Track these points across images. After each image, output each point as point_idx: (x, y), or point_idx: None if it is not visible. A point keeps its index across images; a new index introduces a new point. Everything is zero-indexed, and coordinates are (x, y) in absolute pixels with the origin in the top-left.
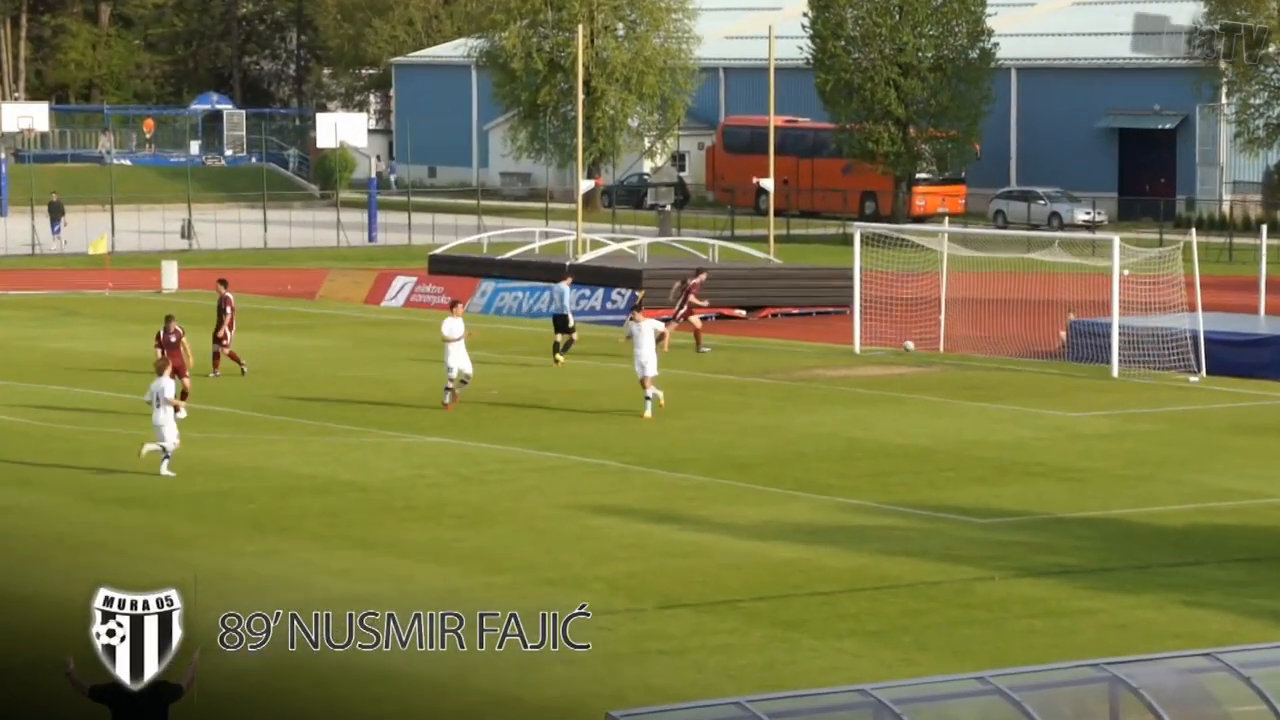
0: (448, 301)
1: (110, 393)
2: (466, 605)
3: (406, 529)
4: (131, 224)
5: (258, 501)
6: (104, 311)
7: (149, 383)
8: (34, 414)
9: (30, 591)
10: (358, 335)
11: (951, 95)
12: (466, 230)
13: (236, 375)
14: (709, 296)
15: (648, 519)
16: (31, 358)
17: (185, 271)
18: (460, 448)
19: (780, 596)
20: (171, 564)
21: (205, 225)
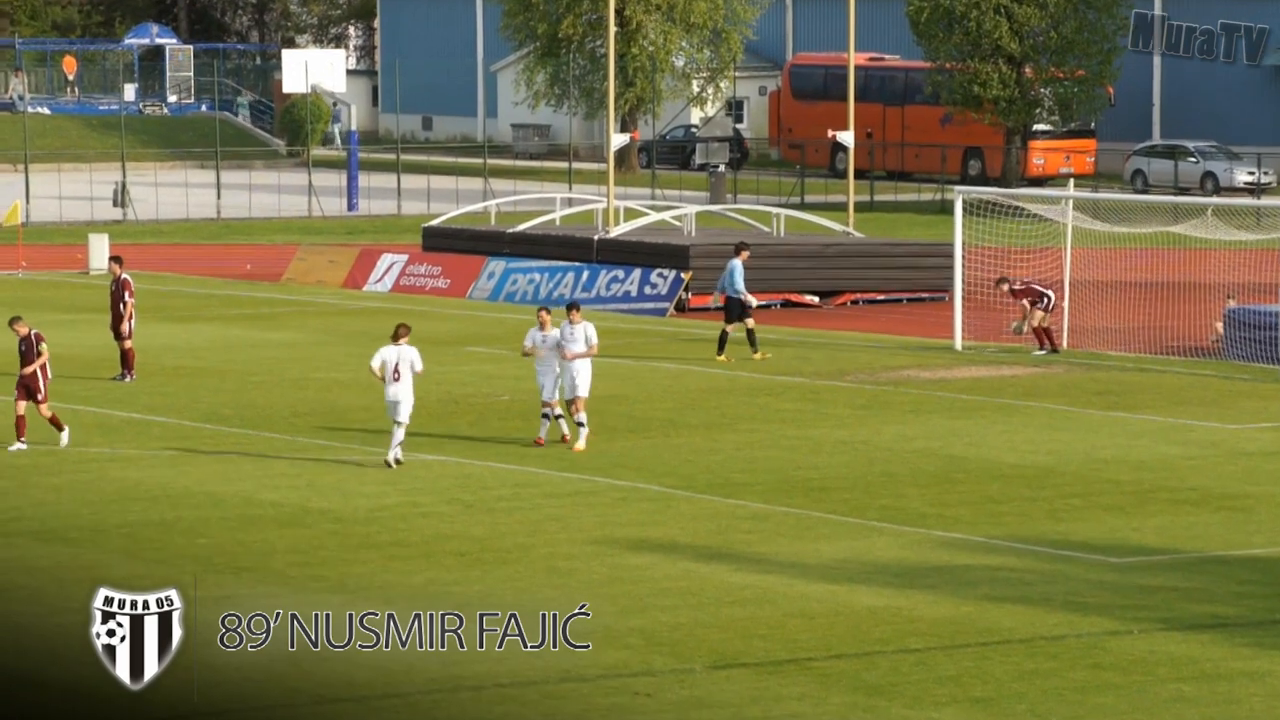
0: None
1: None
2: (469, 662)
3: (395, 569)
4: (50, 188)
5: (209, 535)
6: (15, 298)
7: (77, 388)
8: None
9: None
10: (334, 327)
11: (1078, 26)
12: (470, 197)
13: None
14: (772, 281)
15: (696, 557)
16: None
17: (118, 248)
18: (462, 468)
19: (862, 654)
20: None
21: (143, 190)
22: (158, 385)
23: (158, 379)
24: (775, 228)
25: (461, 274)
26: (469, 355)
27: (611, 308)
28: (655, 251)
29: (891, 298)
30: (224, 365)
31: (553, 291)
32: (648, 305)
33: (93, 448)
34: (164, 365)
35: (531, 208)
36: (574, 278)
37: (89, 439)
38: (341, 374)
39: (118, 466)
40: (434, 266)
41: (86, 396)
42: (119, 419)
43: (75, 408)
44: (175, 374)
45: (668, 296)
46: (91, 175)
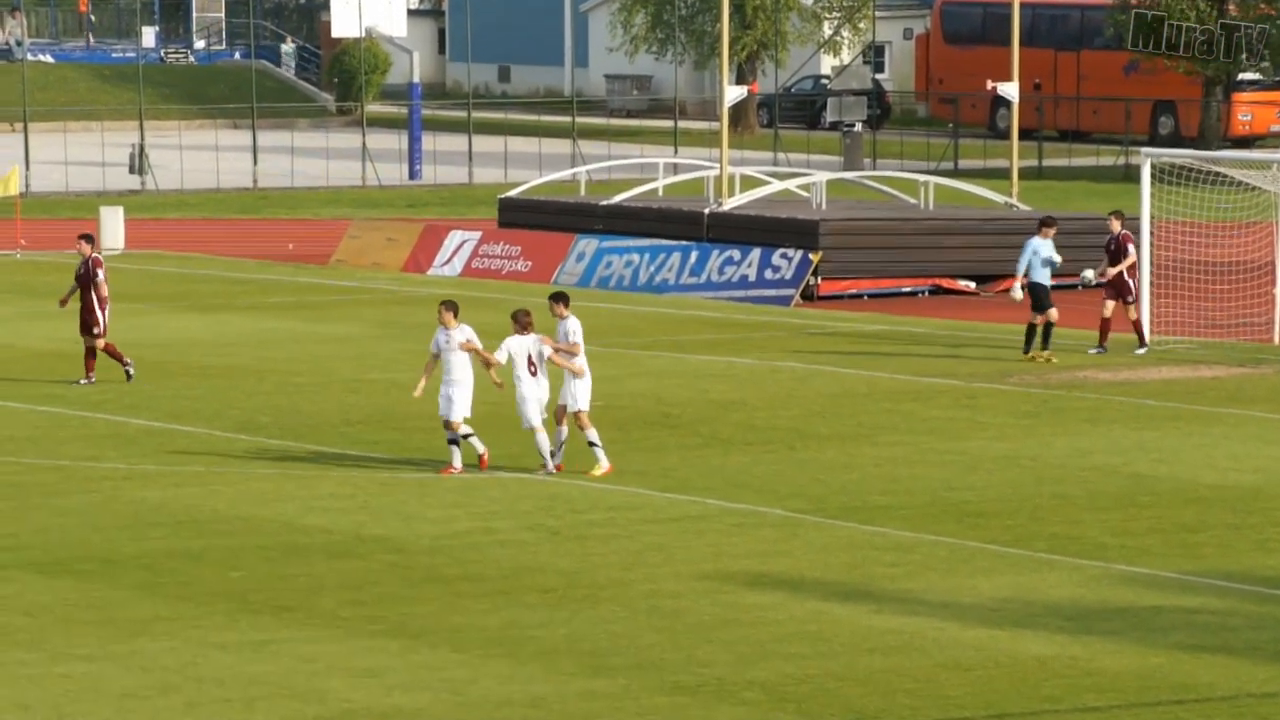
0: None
1: (19, 404)
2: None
3: (466, 609)
4: (55, 151)
5: (245, 567)
6: (13, 282)
7: (87, 389)
8: None
9: None
10: (393, 319)
11: None
12: (556, 162)
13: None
14: (918, 263)
15: (827, 595)
16: None
17: (136, 223)
18: (546, 487)
19: (1029, 714)
20: (114, 661)
21: (165, 154)
22: (182, 388)
23: (182, 380)
24: (922, 199)
25: (545, 255)
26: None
27: (725, 295)
28: (778, 228)
29: (1064, 283)
30: (261, 364)
31: (654, 276)
32: (769, 292)
33: (105, 462)
34: (189, 364)
35: (629, 175)
36: (680, 259)
37: (101, 452)
38: (402, 374)
39: (135, 485)
40: (512, 246)
41: (99, 401)
42: (136, 428)
43: (84, 414)
44: (203, 374)
45: (793, 282)
46: (103, 136)
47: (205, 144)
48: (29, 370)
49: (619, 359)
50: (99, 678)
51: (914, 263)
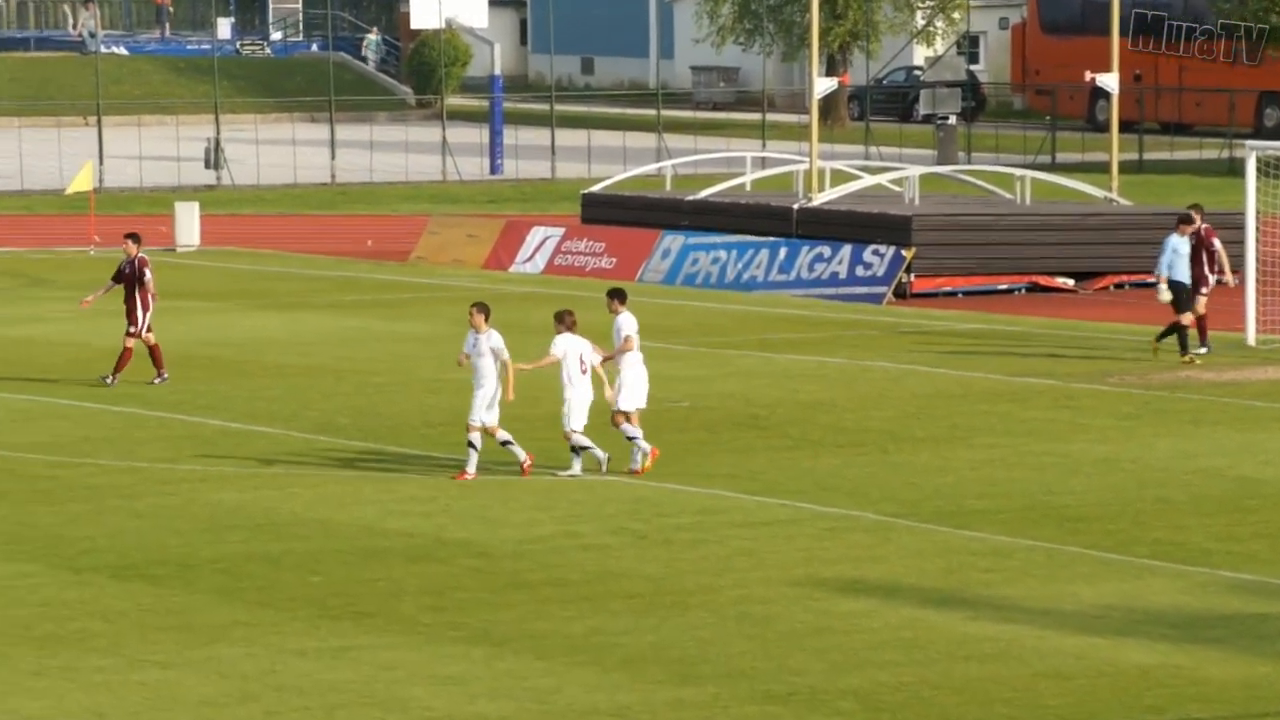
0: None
1: (96, 404)
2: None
3: (550, 615)
4: (129, 146)
5: (323, 572)
6: (87, 280)
7: (164, 390)
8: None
9: None
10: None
11: None
12: (640, 156)
13: (264, 379)
14: (1015, 260)
15: (922, 602)
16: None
17: (211, 219)
18: (632, 490)
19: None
20: (191, 667)
21: (241, 148)
22: (259, 388)
23: (259, 381)
24: (1019, 194)
25: (630, 251)
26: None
27: (815, 293)
28: (869, 223)
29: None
30: (339, 364)
31: (742, 273)
32: (860, 290)
33: (182, 464)
34: (267, 364)
35: (716, 169)
36: (768, 256)
37: (178, 453)
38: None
39: (212, 487)
40: (596, 242)
41: (176, 402)
42: (213, 429)
43: (161, 415)
44: (280, 374)
45: (885, 279)
46: (178, 130)
47: (282, 138)
48: (105, 369)
49: (706, 359)
50: (176, 685)
51: (1010, 259)
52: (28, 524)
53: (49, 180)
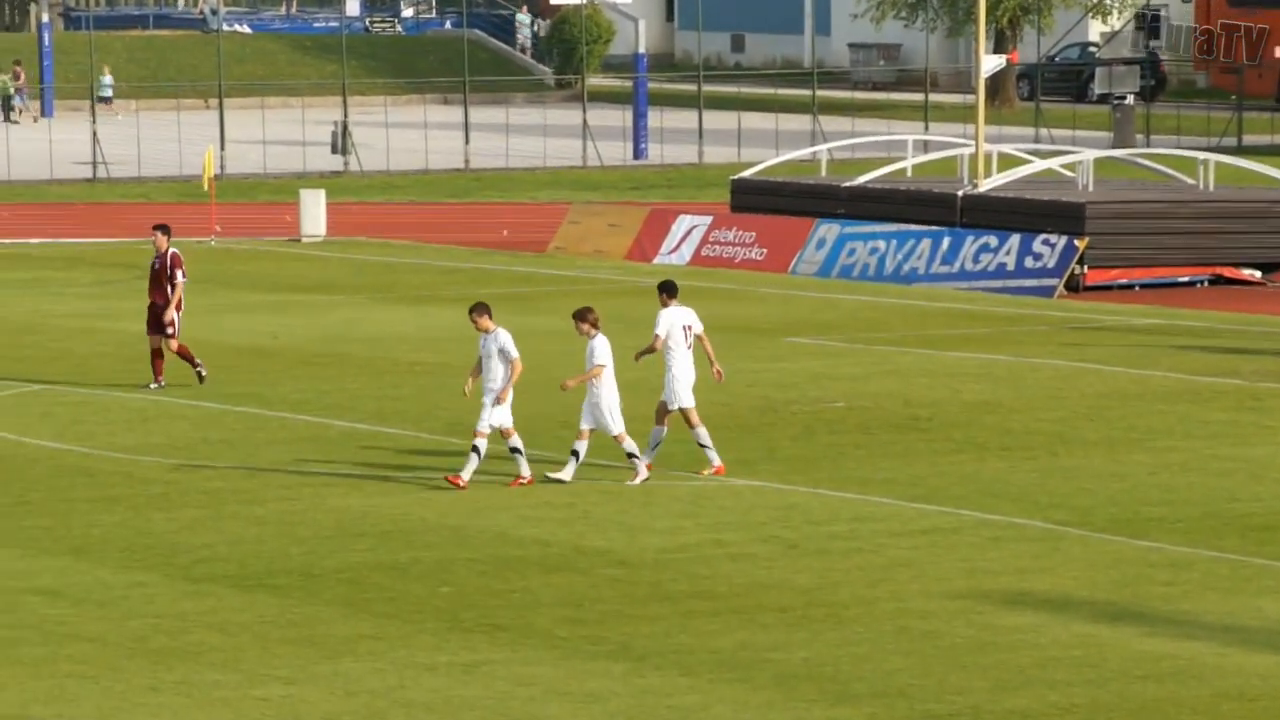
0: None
1: (215, 404)
2: None
3: (695, 629)
4: (251, 130)
5: (455, 582)
6: (207, 271)
7: (287, 388)
8: (95, 440)
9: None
10: (617, 311)
11: None
12: (794, 140)
13: (393, 376)
14: (1198, 250)
15: (1094, 616)
16: (90, 348)
17: (338, 207)
18: (783, 495)
19: None
20: (315, 683)
21: (370, 132)
22: (388, 387)
23: (388, 379)
24: (1202, 179)
25: (782, 241)
26: (791, 348)
27: (981, 285)
28: (1040, 211)
29: None
30: (472, 361)
31: (902, 264)
32: (1029, 282)
33: (306, 467)
34: (396, 361)
35: (875, 154)
36: (930, 246)
37: (301, 456)
38: (625, 373)
39: (337, 493)
40: (746, 232)
41: (299, 402)
42: (338, 430)
43: (284, 415)
44: (409, 372)
45: (1056, 271)
46: (304, 113)
47: (413, 121)
48: (225, 367)
49: (863, 356)
50: (299, 701)
51: (1192, 250)
52: (143, 531)
53: (167, 166)
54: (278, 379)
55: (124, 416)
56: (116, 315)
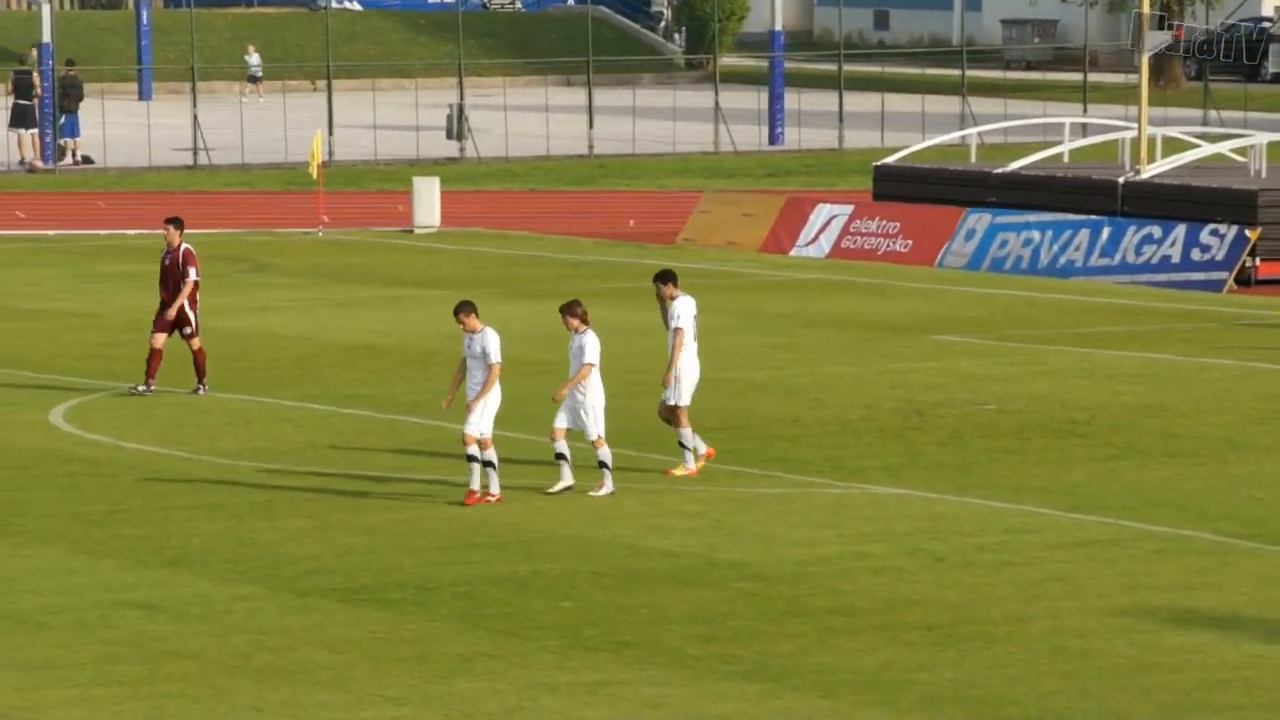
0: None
1: (323, 406)
2: None
3: (836, 647)
4: (361, 114)
5: (578, 597)
6: (314, 264)
7: (399, 388)
8: (195, 444)
9: None
10: (750, 307)
11: None
12: (941, 124)
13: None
14: None
15: (1268, 635)
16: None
17: (453, 196)
18: (929, 505)
19: None
20: (428, 704)
21: (488, 116)
22: (506, 388)
23: (506, 379)
24: None
25: (928, 232)
26: (938, 347)
27: (1143, 279)
28: (1208, 199)
29: None
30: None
31: (1058, 256)
32: (1196, 276)
33: (418, 474)
34: (513, 360)
35: (1029, 138)
36: (1089, 237)
37: (413, 462)
38: (760, 372)
39: (452, 500)
40: (889, 222)
41: (412, 404)
42: (452, 434)
43: (395, 418)
44: (528, 371)
45: (1225, 264)
46: (417, 96)
47: (533, 104)
48: (333, 366)
49: (1015, 355)
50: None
51: None
52: (245, 541)
53: (272, 153)
54: (388, 379)
55: (225, 419)
56: (219, 312)
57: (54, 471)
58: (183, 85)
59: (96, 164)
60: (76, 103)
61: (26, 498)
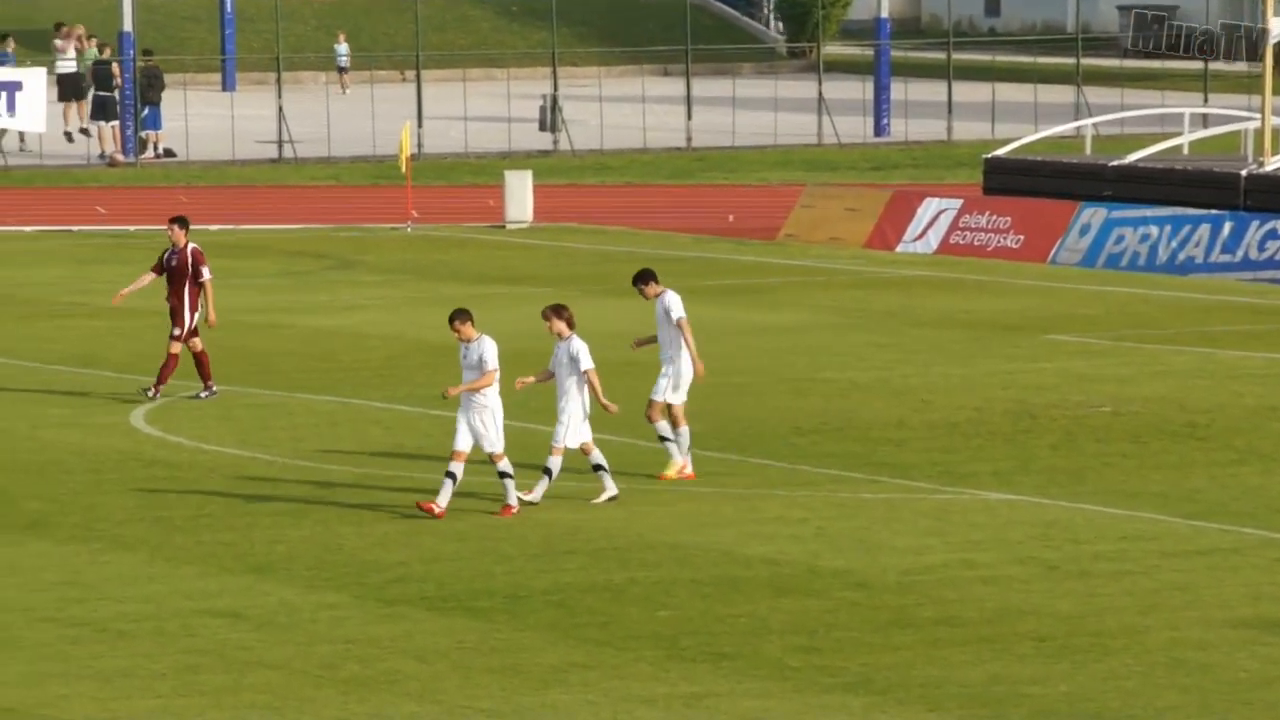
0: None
1: (412, 407)
2: None
3: (943, 659)
4: (451, 105)
5: (675, 605)
6: (402, 260)
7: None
8: (280, 446)
9: None
10: (855, 305)
11: None
12: (1055, 114)
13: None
14: None
15: None
16: (274, 345)
17: (546, 190)
18: (1041, 511)
19: None
20: (520, 716)
21: (582, 107)
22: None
23: (602, 379)
24: None
25: (1040, 227)
26: (1051, 347)
27: (1266, 276)
28: None
29: None
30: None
31: (1177, 253)
32: None
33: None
34: (608, 360)
35: (1146, 129)
36: (1209, 232)
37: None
38: (864, 373)
39: (544, 505)
40: (1000, 216)
41: (506, 405)
42: (545, 436)
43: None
44: (624, 371)
45: None
46: (509, 86)
47: (629, 94)
48: (422, 367)
49: (1132, 355)
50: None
51: None
52: (331, 547)
53: (360, 145)
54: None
55: (311, 421)
56: (303, 310)
57: (134, 475)
58: (267, 75)
59: (178, 157)
60: (158, 94)
61: (106, 502)
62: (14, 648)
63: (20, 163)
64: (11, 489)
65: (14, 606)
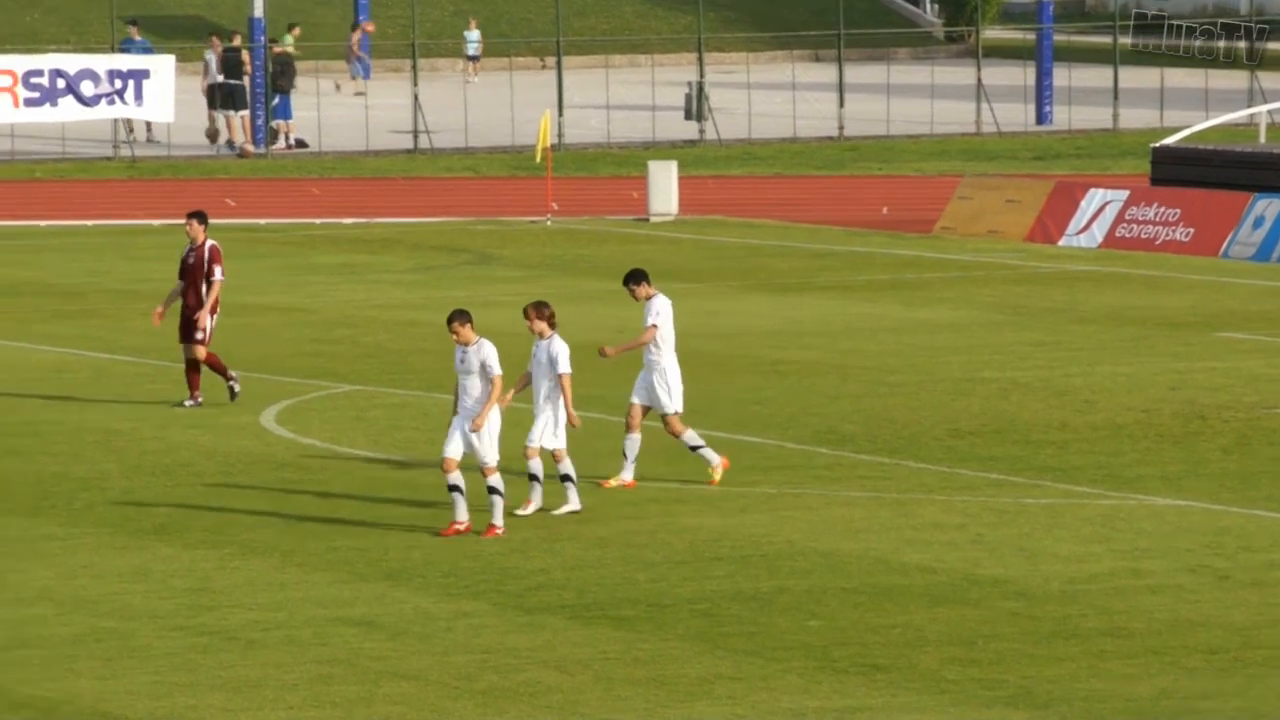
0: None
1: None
2: None
3: (1109, 672)
4: (593, 93)
5: (826, 615)
6: (541, 255)
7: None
8: (415, 448)
9: None
10: (1015, 301)
11: None
12: (1227, 101)
13: (755, 376)
14: None
15: None
16: (409, 343)
17: (692, 182)
18: (1213, 518)
19: None
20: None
21: (730, 95)
22: (748, 389)
23: (748, 379)
24: None
25: (1212, 220)
26: (1223, 345)
27: None
28: None
29: None
30: (846, 359)
31: None
32: None
33: (652, 482)
34: (757, 359)
35: None
36: None
37: (648, 469)
38: (1025, 372)
39: (689, 510)
40: (1169, 209)
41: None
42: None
43: (614, 418)
44: (774, 371)
45: None
46: (653, 73)
47: (779, 82)
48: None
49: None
50: None
51: None
52: (469, 554)
53: (498, 135)
54: (623, 380)
55: (446, 421)
56: (439, 306)
57: (265, 478)
58: (403, 63)
59: (310, 148)
60: (290, 82)
61: (236, 506)
62: (141, 656)
63: (147, 153)
64: (139, 492)
65: (141, 614)
